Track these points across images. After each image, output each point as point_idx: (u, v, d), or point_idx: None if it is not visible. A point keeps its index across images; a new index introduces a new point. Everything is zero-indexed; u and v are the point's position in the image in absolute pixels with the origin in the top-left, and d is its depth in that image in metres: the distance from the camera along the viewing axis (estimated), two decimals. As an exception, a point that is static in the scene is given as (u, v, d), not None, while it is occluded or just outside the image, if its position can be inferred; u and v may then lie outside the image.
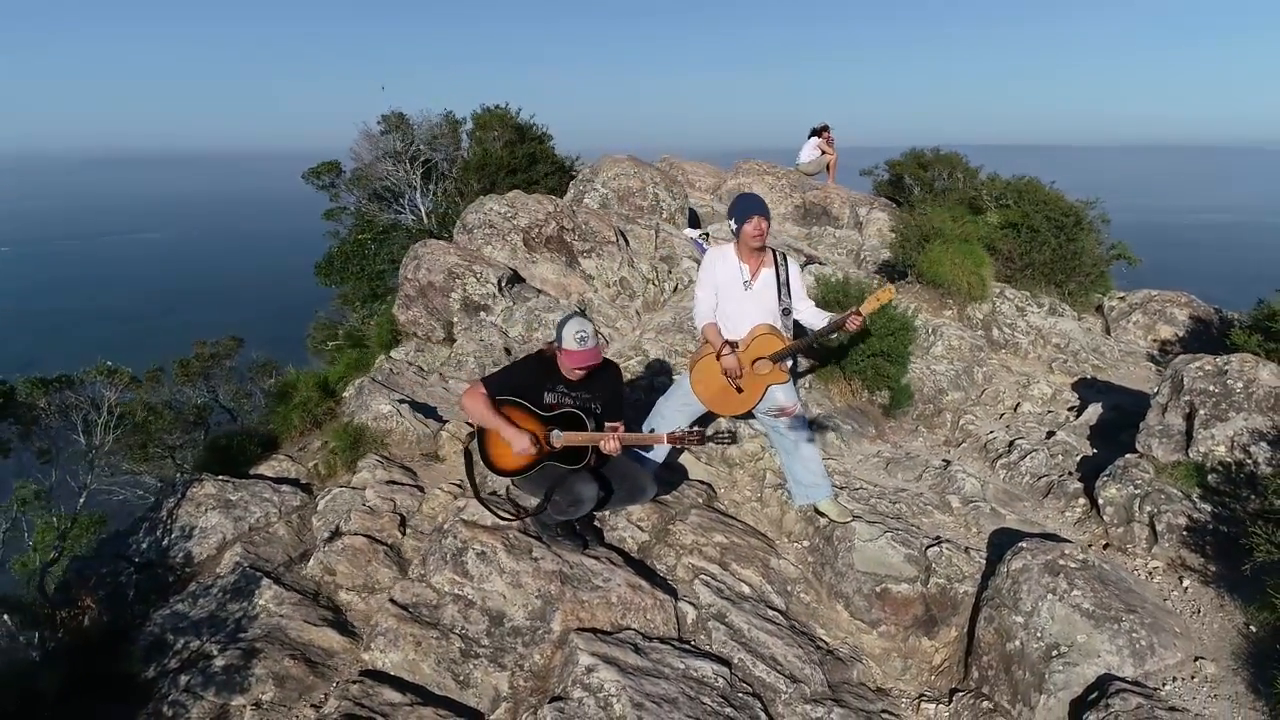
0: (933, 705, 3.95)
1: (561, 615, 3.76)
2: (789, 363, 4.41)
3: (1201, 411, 4.69)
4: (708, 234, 9.29)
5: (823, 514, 4.63)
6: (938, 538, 4.56)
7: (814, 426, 5.35)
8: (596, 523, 4.41)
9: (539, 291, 6.93)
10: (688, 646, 3.85)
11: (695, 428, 3.89)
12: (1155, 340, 8.20)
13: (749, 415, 4.64)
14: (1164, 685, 3.56)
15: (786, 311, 4.30)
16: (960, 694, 3.93)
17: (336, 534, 4.34)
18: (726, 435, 4.03)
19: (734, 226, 4.22)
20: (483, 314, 6.60)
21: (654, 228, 8.53)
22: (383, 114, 9.74)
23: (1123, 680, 3.51)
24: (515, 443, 3.69)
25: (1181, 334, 8.13)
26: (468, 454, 4.03)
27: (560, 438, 3.82)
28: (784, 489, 4.97)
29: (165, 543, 4.44)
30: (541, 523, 4.08)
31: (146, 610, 4.08)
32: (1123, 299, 8.81)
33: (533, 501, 4.21)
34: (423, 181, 9.56)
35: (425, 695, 3.54)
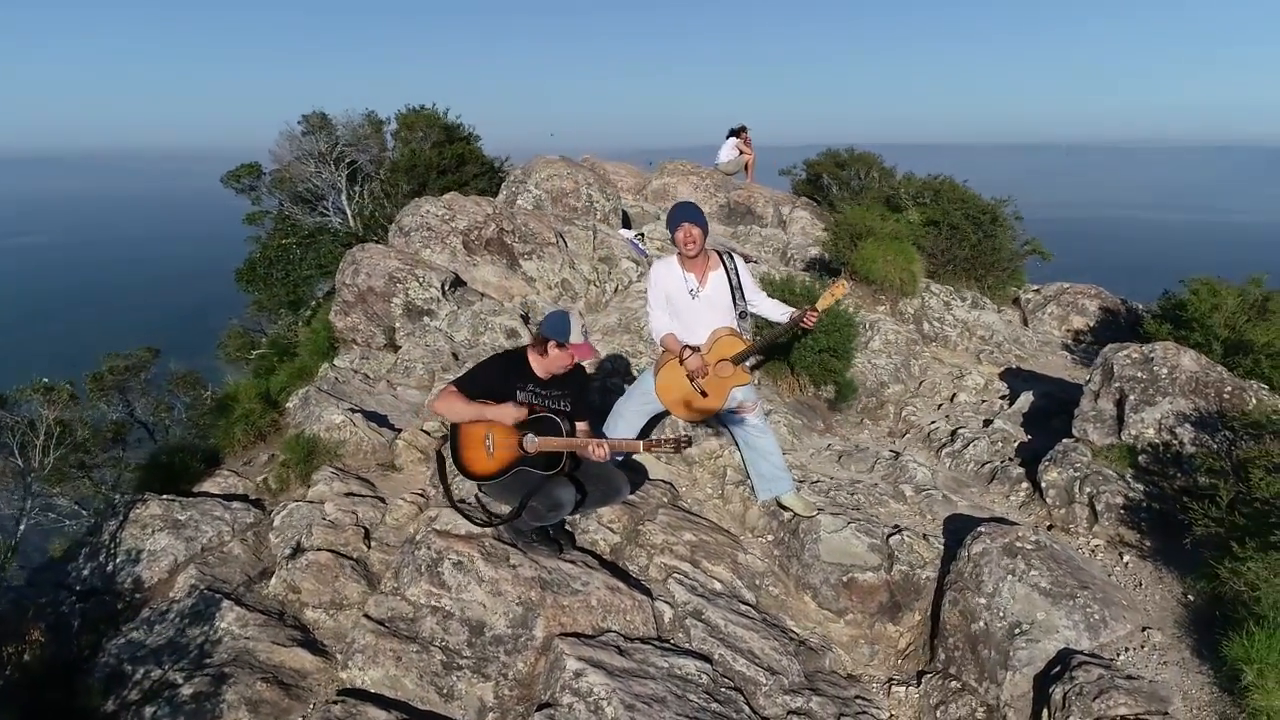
0: (903, 688, 4.10)
1: (544, 621, 3.73)
2: (749, 362, 4.49)
3: (1131, 397, 5.00)
4: (643, 234, 9.34)
5: (786, 508, 4.73)
6: (897, 526, 4.72)
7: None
8: (568, 526, 4.38)
9: (482, 295, 6.83)
10: (669, 645, 3.88)
11: (677, 435, 3.92)
12: (1069, 330, 8.69)
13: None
14: (1118, 655, 3.79)
15: (744, 314, 4.37)
16: (929, 675, 4.09)
17: (298, 550, 4.18)
18: (685, 440, 4.05)
19: (670, 234, 4.27)
20: (426, 319, 6.46)
21: (591, 229, 8.51)
22: (303, 114, 9.42)
23: (1082, 654, 3.72)
24: (506, 416, 3.66)
25: (1092, 324, 8.65)
26: (440, 458, 3.97)
27: (535, 443, 3.79)
28: (745, 485, 5.05)
29: (110, 568, 4.19)
30: (516, 529, 4.04)
31: (96, 640, 3.84)
32: (1037, 291, 9.30)
33: (503, 508, 4.17)
34: (348, 183, 9.27)
35: (409, 711, 3.46)
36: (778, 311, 4.46)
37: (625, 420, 4.49)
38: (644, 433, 4.77)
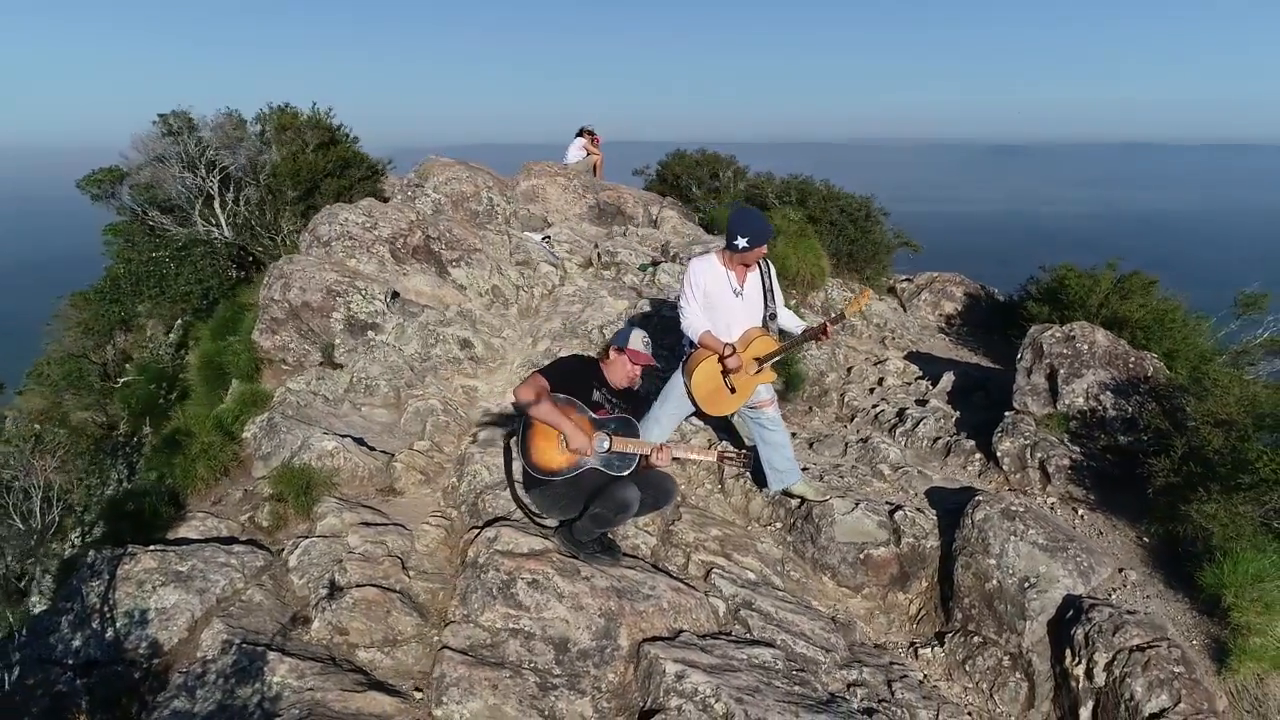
0: (928, 649, 4.48)
1: (626, 629, 3.75)
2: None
3: (1062, 370, 5.72)
4: (549, 237, 9.28)
5: (796, 496, 4.98)
6: (891, 503, 5.11)
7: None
8: (610, 533, 4.38)
9: (423, 306, 6.55)
10: (736, 637, 4.01)
11: (741, 449, 4.02)
12: (942, 315, 9.64)
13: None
14: (1110, 595, 4.38)
15: (773, 316, 4.58)
16: (950, 635, 4.50)
17: (335, 589, 3.89)
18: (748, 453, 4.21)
19: (744, 244, 4.34)
20: (370, 333, 6.11)
21: (505, 233, 8.36)
22: (160, 113, 8.47)
23: (1088, 597, 4.26)
24: (574, 440, 3.62)
25: (960, 309, 9.65)
26: (507, 451, 3.86)
27: (614, 442, 3.78)
28: (744, 478, 5.26)
29: (110, 634, 3.68)
30: (576, 541, 4.00)
31: (122, 717, 3.40)
32: (910, 280, 10.23)
33: (546, 522, 4.13)
34: (220, 190, 8.47)
35: (517, 738, 3.36)
36: (793, 321, 4.69)
37: (661, 425, 4.55)
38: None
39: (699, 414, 4.78)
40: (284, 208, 8.46)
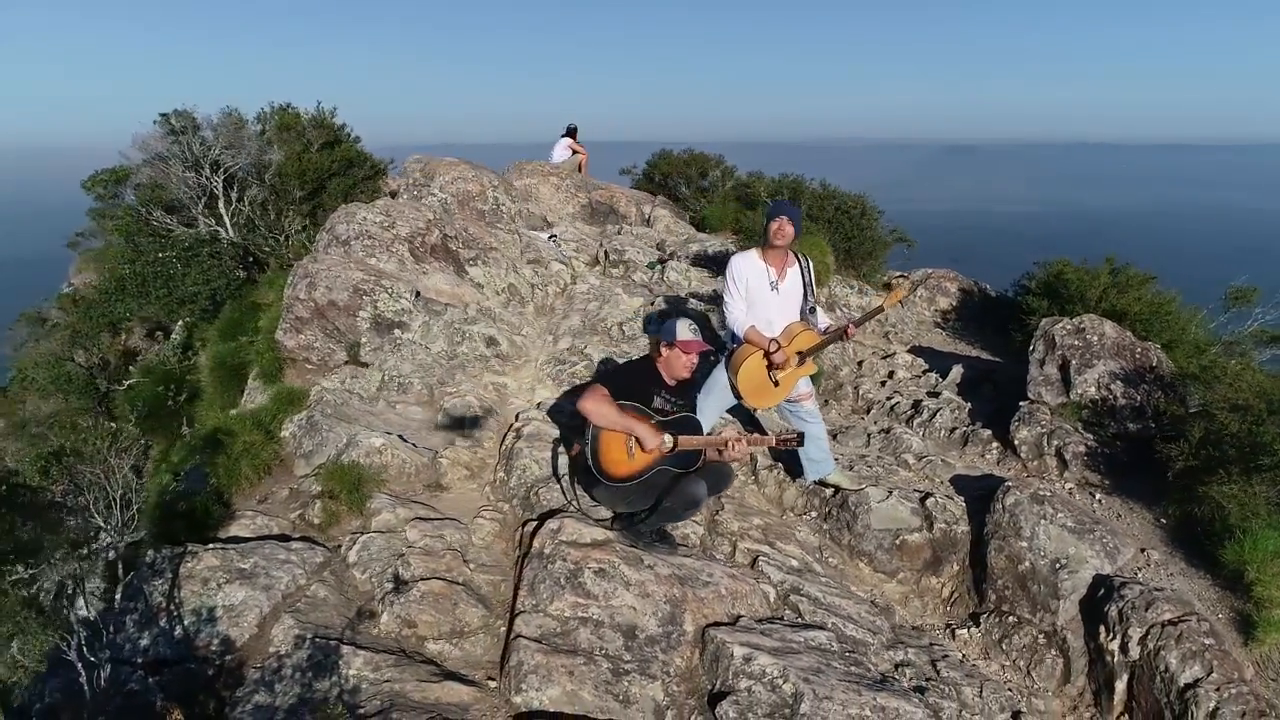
0: (964, 630, 4.66)
1: (690, 615, 3.86)
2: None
3: (1074, 361, 5.94)
4: (554, 236, 9.35)
5: (832, 485, 5.13)
6: (919, 490, 5.28)
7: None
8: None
9: (445, 305, 6.59)
10: (790, 622, 4.14)
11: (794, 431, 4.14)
12: (937, 310, 9.88)
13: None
14: (1137, 573, 4.59)
15: (812, 310, 4.72)
16: (985, 616, 4.68)
17: (400, 583, 3.95)
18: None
19: (771, 227, 4.53)
20: (397, 331, 6.14)
21: (516, 232, 8.41)
22: (161, 112, 8.36)
23: (1118, 576, 4.47)
24: (649, 440, 3.72)
25: (955, 304, 9.89)
26: (572, 463, 3.96)
27: (679, 442, 3.89)
28: (777, 468, 5.40)
29: (178, 632, 3.70)
30: (636, 532, 4.10)
31: (201, 713, 3.43)
32: (905, 276, 10.46)
33: (604, 512, 4.23)
34: (225, 190, 8.40)
35: (598, 723, 3.45)
36: (823, 320, 4.85)
37: (704, 417, 4.66)
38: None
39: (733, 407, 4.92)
40: (288, 208, 8.42)
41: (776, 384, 4.64)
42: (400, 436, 4.96)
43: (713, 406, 4.73)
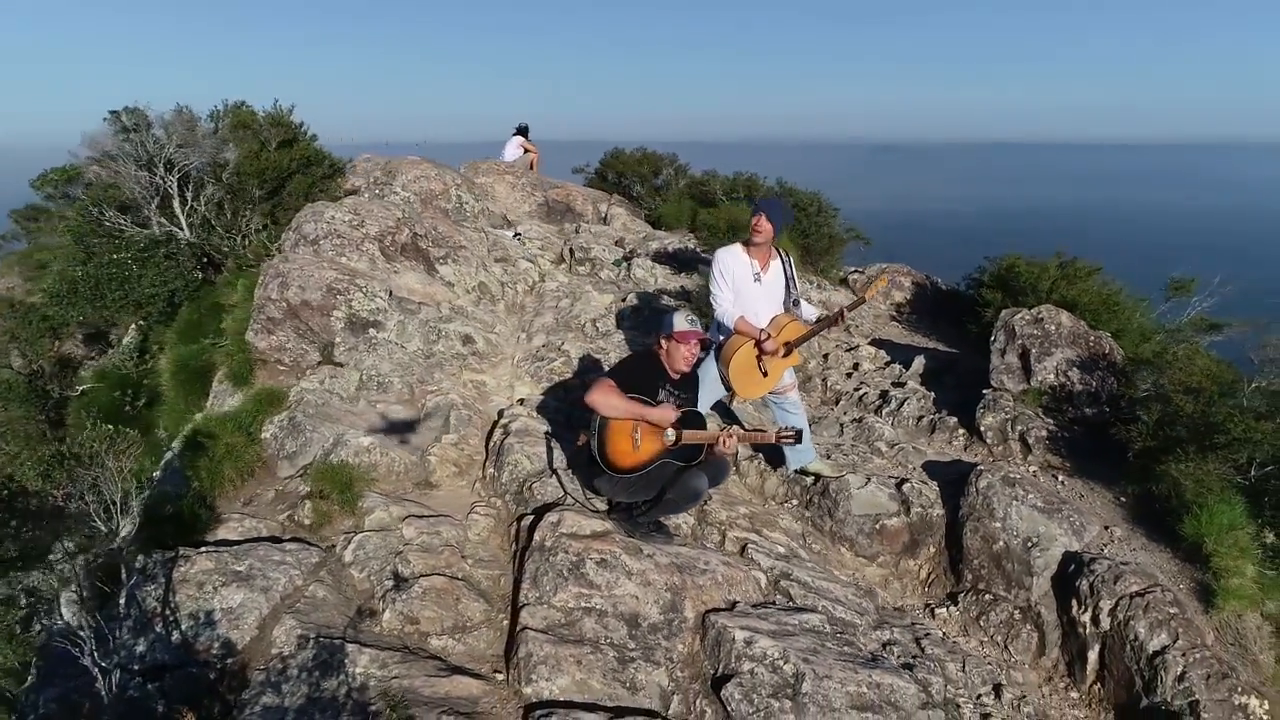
0: (943, 609, 4.85)
1: (690, 602, 3.95)
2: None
3: (1034, 350, 6.21)
4: (519, 234, 9.34)
5: (813, 473, 5.28)
6: (895, 477, 5.47)
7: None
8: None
9: (419, 304, 6.55)
10: (783, 606, 4.26)
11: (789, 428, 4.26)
12: (893, 304, 10.16)
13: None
14: (1103, 549, 4.84)
15: (796, 303, 4.85)
16: (962, 595, 4.88)
17: (401, 580, 3.95)
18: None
19: (753, 223, 4.67)
20: (372, 331, 6.08)
21: (482, 230, 8.39)
22: (111, 109, 8.07)
23: (1086, 552, 4.71)
24: (666, 418, 3.80)
25: (909, 298, 10.19)
26: (573, 455, 4.01)
27: (684, 435, 3.97)
28: (758, 458, 5.53)
29: (176, 637, 3.64)
30: (633, 522, 4.17)
31: (207, 717, 3.39)
32: (861, 272, 10.74)
33: (601, 504, 4.29)
34: (180, 189, 8.15)
35: (605, 710, 3.51)
36: (809, 313, 4.99)
37: (699, 407, 4.75)
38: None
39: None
40: (246, 207, 8.22)
41: (765, 374, 4.76)
42: (385, 434, 4.93)
43: (704, 399, 4.83)
